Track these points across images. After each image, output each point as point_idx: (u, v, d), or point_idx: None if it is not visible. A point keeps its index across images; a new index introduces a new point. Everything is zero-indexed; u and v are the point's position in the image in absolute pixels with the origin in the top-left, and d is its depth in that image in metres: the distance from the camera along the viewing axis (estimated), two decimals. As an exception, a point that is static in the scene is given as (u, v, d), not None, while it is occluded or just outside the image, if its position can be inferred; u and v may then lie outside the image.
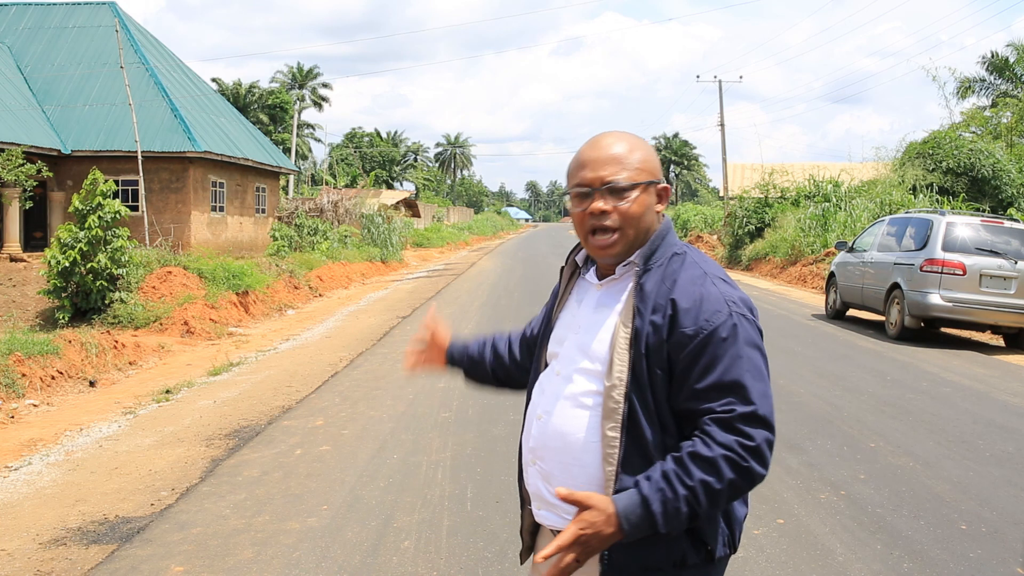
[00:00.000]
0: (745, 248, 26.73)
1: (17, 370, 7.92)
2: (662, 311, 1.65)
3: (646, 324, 1.65)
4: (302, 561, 3.95)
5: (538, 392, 1.84)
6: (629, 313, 1.68)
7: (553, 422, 1.74)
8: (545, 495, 1.76)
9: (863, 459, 5.59)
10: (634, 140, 1.77)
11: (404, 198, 47.68)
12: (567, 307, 1.86)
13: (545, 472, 1.76)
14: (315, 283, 18.61)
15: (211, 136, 21.79)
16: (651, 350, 1.64)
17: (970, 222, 11.31)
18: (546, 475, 1.75)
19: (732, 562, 3.92)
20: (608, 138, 1.77)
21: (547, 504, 1.76)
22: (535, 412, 1.81)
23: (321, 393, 7.78)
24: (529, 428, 1.83)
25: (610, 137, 1.77)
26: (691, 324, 1.63)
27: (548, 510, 1.77)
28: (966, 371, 9.01)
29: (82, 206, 12.78)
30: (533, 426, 1.80)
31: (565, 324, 1.84)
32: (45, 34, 23.37)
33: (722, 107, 36.40)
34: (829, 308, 13.64)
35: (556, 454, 1.73)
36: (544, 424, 1.76)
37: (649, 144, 1.81)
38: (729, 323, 1.63)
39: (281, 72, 62.05)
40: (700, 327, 1.62)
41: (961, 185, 21.32)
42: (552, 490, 1.72)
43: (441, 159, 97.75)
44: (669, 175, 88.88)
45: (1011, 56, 28.10)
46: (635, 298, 1.69)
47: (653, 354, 1.64)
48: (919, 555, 4.03)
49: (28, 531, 4.45)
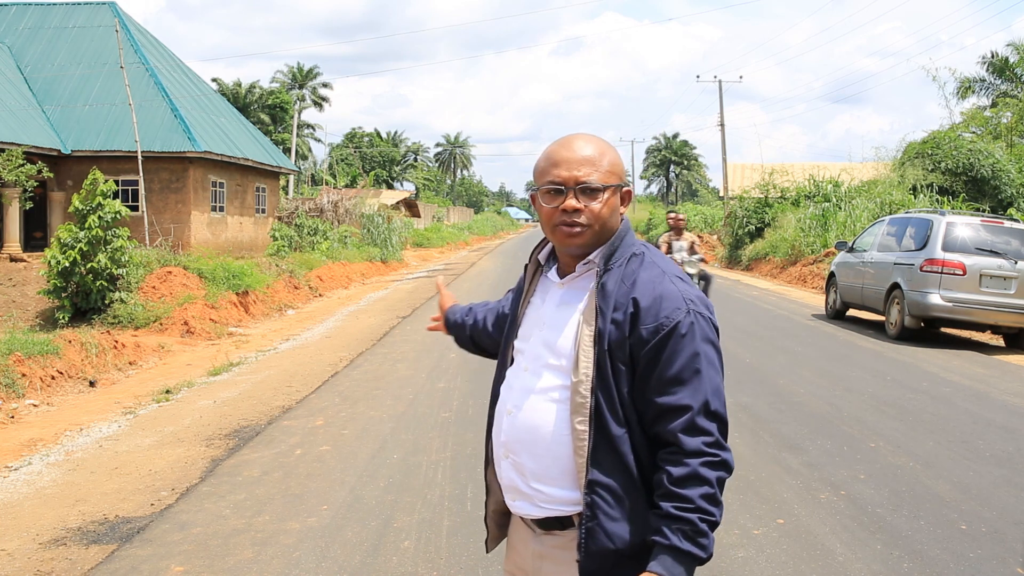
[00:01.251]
0: (745, 248, 26.74)
1: (17, 370, 7.92)
2: (623, 309, 1.73)
3: (608, 322, 1.73)
4: (302, 561, 3.95)
5: (506, 388, 1.90)
6: (592, 311, 1.76)
7: (523, 416, 1.81)
8: (520, 486, 1.82)
9: (863, 459, 5.59)
10: (604, 144, 1.85)
11: (404, 198, 47.71)
12: (531, 304, 1.92)
13: (518, 464, 1.82)
14: (315, 283, 18.61)
15: (211, 136, 21.79)
16: (614, 346, 1.72)
17: (970, 222, 11.31)
18: (519, 467, 1.82)
19: (732, 562, 3.94)
20: (580, 140, 1.84)
21: (521, 495, 1.83)
22: (504, 407, 1.87)
23: (321, 393, 7.78)
24: (499, 423, 1.88)
25: (581, 139, 1.84)
26: (652, 321, 1.71)
27: (523, 500, 1.83)
28: (966, 371, 9.00)
29: (82, 206, 12.78)
30: (504, 421, 1.86)
31: (530, 321, 1.90)
32: (45, 34, 23.36)
33: (722, 107, 36.43)
34: (829, 308, 13.64)
35: (528, 447, 1.80)
36: (514, 419, 1.83)
37: (615, 148, 1.88)
38: (687, 320, 1.71)
39: (281, 72, 62.06)
40: (660, 324, 1.70)
41: (961, 185, 21.32)
42: (526, 482, 1.79)
43: (441, 159, 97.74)
44: (669, 175, 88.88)
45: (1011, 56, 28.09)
46: (597, 297, 1.77)
47: (616, 350, 1.72)
48: (919, 555, 4.03)
49: (28, 531, 4.45)
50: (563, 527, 1.80)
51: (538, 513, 1.81)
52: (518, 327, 1.92)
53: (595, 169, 1.79)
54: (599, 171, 1.80)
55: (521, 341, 1.90)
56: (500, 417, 1.88)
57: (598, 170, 1.80)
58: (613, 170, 1.82)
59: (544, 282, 1.93)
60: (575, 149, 1.81)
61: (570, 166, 1.79)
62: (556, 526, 1.81)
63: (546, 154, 1.85)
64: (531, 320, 1.90)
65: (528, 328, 1.90)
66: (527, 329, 1.90)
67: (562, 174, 1.79)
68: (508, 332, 1.97)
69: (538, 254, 1.96)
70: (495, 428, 1.92)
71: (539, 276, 1.95)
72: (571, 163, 1.80)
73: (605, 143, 1.85)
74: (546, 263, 1.94)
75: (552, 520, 1.81)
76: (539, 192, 1.83)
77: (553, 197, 1.81)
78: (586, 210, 1.78)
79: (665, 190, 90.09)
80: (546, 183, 1.81)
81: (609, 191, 1.80)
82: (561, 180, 1.79)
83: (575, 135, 1.86)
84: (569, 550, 1.78)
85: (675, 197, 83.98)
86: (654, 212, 54.39)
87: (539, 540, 1.85)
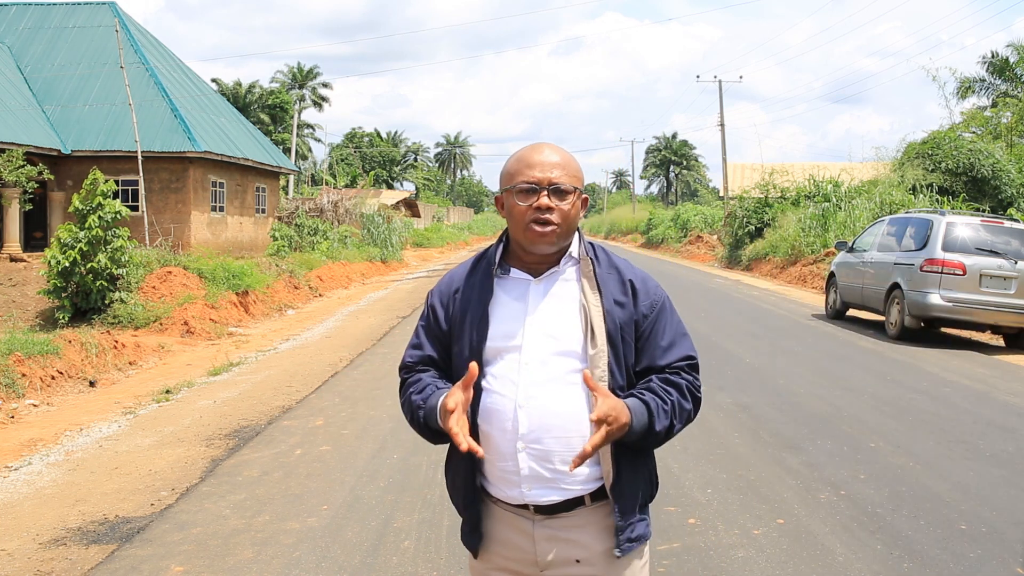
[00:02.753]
0: (745, 248, 26.75)
1: (17, 370, 7.92)
2: (623, 290, 1.99)
3: (612, 303, 1.97)
4: (302, 561, 3.95)
5: (505, 385, 1.94)
6: (594, 296, 1.96)
7: (542, 404, 1.91)
8: (544, 473, 1.91)
9: (863, 459, 5.59)
10: (568, 153, 2.03)
11: (404, 198, 47.72)
12: (498, 303, 2.00)
13: (542, 453, 1.91)
14: (315, 283, 18.61)
15: (211, 136, 21.79)
16: (621, 322, 1.96)
17: (970, 222, 11.31)
18: (543, 456, 1.91)
19: (732, 562, 3.95)
20: (548, 147, 2.01)
21: (543, 481, 1.92)
22: (513, 403, 1.92)
23: (321, 393, 7.78)
24: (505, 419, 1.93)
25: (549, 147, 2.01)
26: (646, 299, 2.01)
27: (543, 487, 1.92)
28: (966, 371, 9.01)
29: (82, 206, 12.77)
30: (515, 415, 1.91)
31: (508, 318, 1.97)
32: (45, 34, 23.36)
33: (722, 107, 36.46)
34: (829, 308, 13.64)
35: (555, 432, 1.90)
36: (531, 410, 1.91)
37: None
38: (665, 296, 2.06)
39: (281, 72, 62.05)
40: (652, 301, 2.02)
41: (961, 185, 21.30)
42: (551, 467, 1.91)
43: (441, 159, 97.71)
44: (669, 175, 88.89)
45: (1011, 56, 28.07)
46: (596, 281, 1.98)
47: (625, 325, 1.97)
48: (919, 555, 4.03)
49: (28, 531, 4.45)
50: (571, 507, 1.94)
51: (559, 497, 1.93)
52: (488, 329, 1.97)
53: (565, 173, 1.96)
54: (569, 175, 1.96)
55: (502, 340, 1.96)
56: (508, 412, 1.92)
57: (568, 174, 1.96)
58: (579, 176, 2.00)
59: (507, 283, 2.02)
60: (546, 154, 1.98)
61: (543, 168, 1.95)
62: (563, 508, 1.94)
63: (516, 158, 2.00)
64: (508, 317, 1.97)
65: (508, 325, 1.97)
66: (507, 327, 1.97)
67: (536, 175, 1.94)
68: (476, 339, 1.97)
69: (482, 263, 2.06)
70: (502, 424, 1.93)
71: (488, 281, 2.02)
72: (544, 166, 1.95)
73: (569, 153, 2.03)
74: (497, 267, 2.03)
75: (566, 502, 1.93)
76: (512, 192, 1.96)
77: (527, 196, 1.94)
78: (557, 209, 1.93)
79: (665, 190, 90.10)
80: (520, 182, 1.95)
81: (575, 194, 1.97)
82: (535, 180, 1.94)
83: (543, 143, 2.04)
84: (582, 526, 1.95)
85: (675, 197, 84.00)
86: (654, 212, 54.40)
87: (544, 524, 1.96)
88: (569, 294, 1.98)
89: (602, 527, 1.97)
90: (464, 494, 2.04)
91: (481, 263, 2.07)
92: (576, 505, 1.95)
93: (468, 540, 2.07)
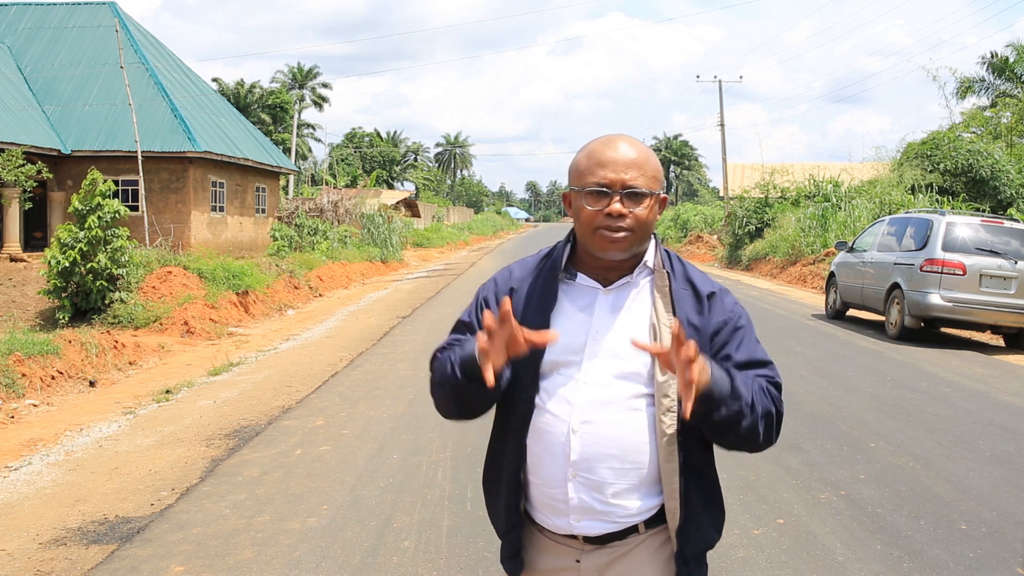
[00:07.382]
0: (745, 248, 26.74)
1: (17, 370, 7.92)
2: (697, 308, 1.79)
3: (685, 320, 1.77)
4: (302, 561, 3.95)
5: (560, 405, 1.75)
6: (668, 314, 1.77)
7: (599, 430, 1.72)
8: (594, 505, 1.75)
9: (863, 459, 5.59)
10: (647, 148, 1.81)
11: (404, 198, 47.68)
12: (562, 313, 1.80)
13: (595, 483, 1.74)
14: (315, 283, 18.60)
15: (211, 136, 21.79)
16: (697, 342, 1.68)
17: (970, 222, 11.31)
18: (597, 485, 1.74)
19: (732, 562, 3.94)
20: (624, 142, 1.78)
21: (594, 513, 1.76)
22: (567, 426, 1.74)
23: (321, 393, 7.78)
24: (564, 443, 1.74)
25: (625, 141, 1.78)
26: (721, 315, 1.80)
27: (593, 518, 1.76)
28: (966, 371, 9.00)
29: (82, 206, 12.77)
30: (568, 440, 1.73)
31: (571, 331, 1.77)
32: (45, 34, 23.35)
33: (722, 107, 36.43)
34: (829, 308, 13.64)
35: (610, 461, 1.73)
36: (586, 435, 1.73)
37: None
38: (743, 313, 1.85)
39: (281, 72, 62.04)
40: (727, 317, 1.81)
41: (960, 185, 21.31)
42: (602, 500, 1.74)
43: (441, 159, 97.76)
44: (669, 175, 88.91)
45: (1011, 56, 28.07)
46: (671, 297, 1.79)
47: (701, 345, 1.69)
48: (919, 555, 4.03)
49: (28, 531, 4.45)
50: (623, 537, 1.78)
51: (610, 529, 1.76)
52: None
53: (641, 174, 1.74)
54: (645, 176, 1.75)
55: (564, 354, 1.76)
56: (560, 436, 1.74)
57: (644, 175, 1.75)
58: (657, 176, 1.78)
59: (572, 289, 1.82)
60: (621, 151, 1.75)
61: (617, 168, 1.73)
62: (616, 538, 1.78)
63: (587, 153, 1.78)
64: (573, 329, 1.77)
65: (571, 339, 1.76)
66: (569, 340, 1.76)
67: (609, 176, 1.73)
68: (534, 349, 1.73)
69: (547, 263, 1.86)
70: (552, 451, 1.76)
71: (555, 285, 1.82)
72: (617, 165, 1.73)
73: (648, 148, 1.80)
74: (564, 271, 1.83)
75: (619, 532, 1.78)
76: (581, 193, 1.75)
77: (597, 199, 1.73)
78: (631, 215, 1.73)
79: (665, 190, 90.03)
80: (591, 184, 1.74)
81: (653, 198, 1.76)
82: (608, 182, 1.73)
83: (618, 136, 1.80)
84: (634, 557, 1.79)
85: (675, 197, 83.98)
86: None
87: (593, 555, 1.80)
88: (640, 309, 1.78)
89: (657, 561, 1.79)
90: (506, 518, 1.86)
91: (545, 264, 1.85)
92: (629, 533, 1.78)
93: (508, 566, 1.90)
